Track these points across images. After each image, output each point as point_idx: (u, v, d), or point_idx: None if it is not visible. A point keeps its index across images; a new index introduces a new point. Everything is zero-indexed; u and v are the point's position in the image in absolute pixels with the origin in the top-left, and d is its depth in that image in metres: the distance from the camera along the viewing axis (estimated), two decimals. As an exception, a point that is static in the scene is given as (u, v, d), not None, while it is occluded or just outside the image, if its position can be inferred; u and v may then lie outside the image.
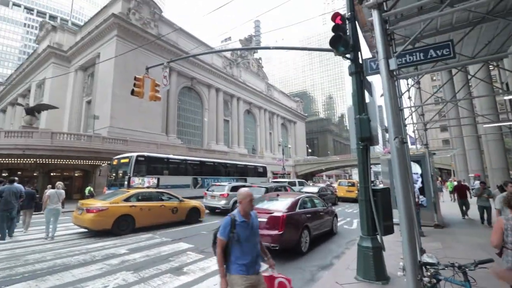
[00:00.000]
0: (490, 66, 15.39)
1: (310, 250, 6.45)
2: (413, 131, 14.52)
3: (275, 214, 5.97)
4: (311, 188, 16.64)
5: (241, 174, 23.27)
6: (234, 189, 12.64)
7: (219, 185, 13.29)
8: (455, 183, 14.09)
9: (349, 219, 11.52)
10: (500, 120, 14.53)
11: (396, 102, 2.89)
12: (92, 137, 21.26)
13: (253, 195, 2.67)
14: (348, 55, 4.89)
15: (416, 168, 9.91)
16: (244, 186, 13.09)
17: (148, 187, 13.35)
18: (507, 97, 10.45)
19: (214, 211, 12.44)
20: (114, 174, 15.81)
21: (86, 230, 8.16)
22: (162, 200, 9.57)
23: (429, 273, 2.65)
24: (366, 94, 4.99)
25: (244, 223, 2.53)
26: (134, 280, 4.48)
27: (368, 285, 4.15)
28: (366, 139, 4.54)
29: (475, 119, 18.26)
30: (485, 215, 9.17)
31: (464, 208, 10.60)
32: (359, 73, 4.89)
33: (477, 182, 10.97)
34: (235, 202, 11.42)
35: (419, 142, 13.59)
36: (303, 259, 5.85)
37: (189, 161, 19.70)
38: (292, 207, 6.40)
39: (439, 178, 28.24)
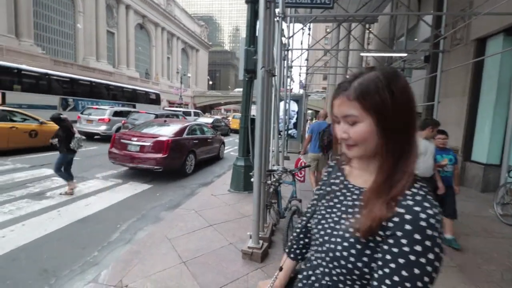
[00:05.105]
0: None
1: (195, 172, 7.01)
2: (299, 74, 16.42)
3: (160, 138, 5.97)
4: (206, 119, 17.01)
5: (129, 100, 20.57)
6: (118, 114, 11.26)
7: (97, 108, 11.44)
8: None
9: (236, 147, 12.83)
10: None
11: (270, 34, 3.12)
12: None
13: None
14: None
15: (294, 106, 11.66)
16: (130, 111, 11.87)
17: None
18: (363, 54, 13.10)
19: (92, 137, 10.98)
20: None
21: None
22: (13, 121, 7.59)
23: (274, 178, 3.50)
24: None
25: None
26: (-30, 209, 3.71)
27: (236, 194, 5.06)
28: (251, 72, 4.84)
29: (347, 70, 22.22)
30: None
31: None
32: (254, 2, 4.80)
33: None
34: (119, 128, 10.41)
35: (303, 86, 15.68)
36: (187, 179, 6.35)
37: (54, 77, 15.54)
38: (179, 133, 6.52)
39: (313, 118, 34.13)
